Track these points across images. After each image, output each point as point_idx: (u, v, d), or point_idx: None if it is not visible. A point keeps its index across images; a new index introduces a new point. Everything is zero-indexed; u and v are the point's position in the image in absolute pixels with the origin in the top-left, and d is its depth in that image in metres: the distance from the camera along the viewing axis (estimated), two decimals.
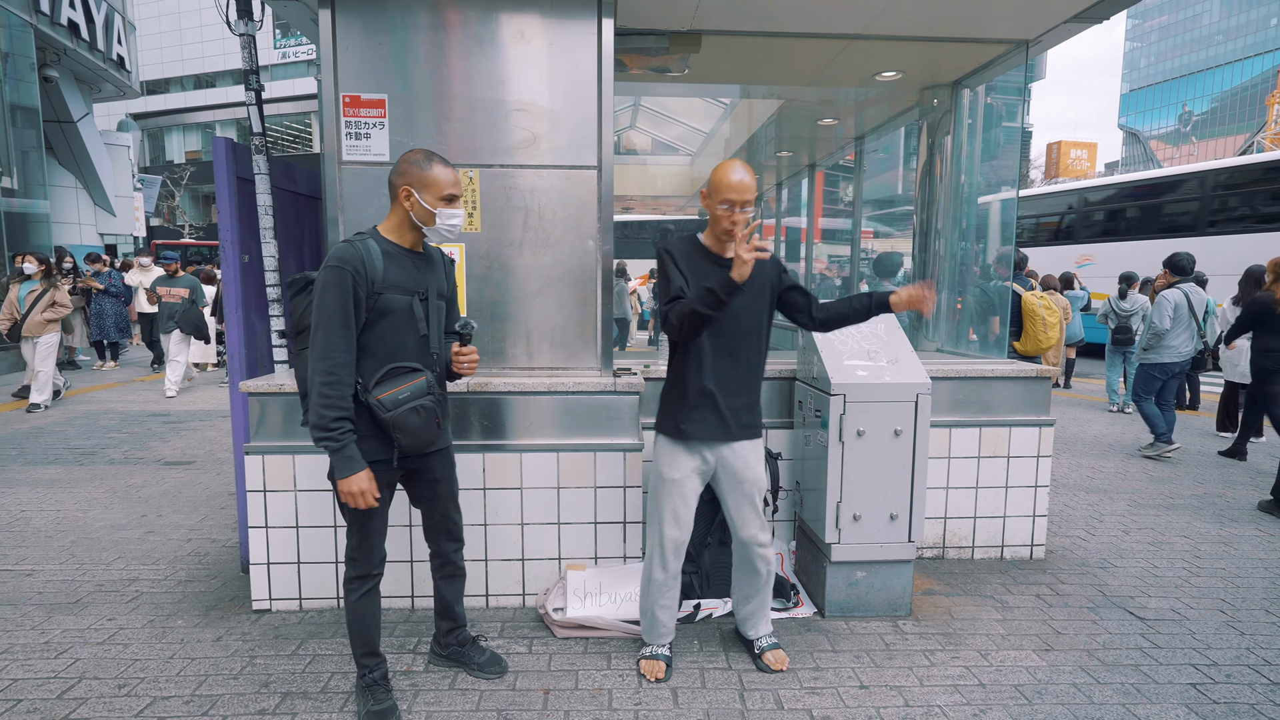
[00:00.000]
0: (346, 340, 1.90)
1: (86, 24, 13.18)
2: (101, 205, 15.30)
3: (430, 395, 2.01)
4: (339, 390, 1.88)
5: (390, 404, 1.93)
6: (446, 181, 2.03)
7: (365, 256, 1.93)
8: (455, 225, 2.08)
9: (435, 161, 2.04)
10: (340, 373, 1.89)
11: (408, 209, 2.03)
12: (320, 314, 1.89)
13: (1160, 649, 2.68)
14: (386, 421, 1.94)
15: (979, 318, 4.32)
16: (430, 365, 2.07)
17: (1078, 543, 3.79)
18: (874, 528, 2.83)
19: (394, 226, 2.06)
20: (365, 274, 1.91)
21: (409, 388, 1.97)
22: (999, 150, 4.27)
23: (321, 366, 1.88)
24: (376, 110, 2.92)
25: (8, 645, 2.63)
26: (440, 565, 2.38)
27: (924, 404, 2.78)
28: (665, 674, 2.43)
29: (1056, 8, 3.09)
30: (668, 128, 7.89)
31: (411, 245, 2.08)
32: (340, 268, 1.89)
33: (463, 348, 2.16)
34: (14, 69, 11.70)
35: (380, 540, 2.13)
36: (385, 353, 1.98)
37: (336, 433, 1.89)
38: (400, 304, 1.99)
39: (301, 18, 3.29)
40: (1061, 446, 6.05)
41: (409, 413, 1.96)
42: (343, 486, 1.93)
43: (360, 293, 1.91)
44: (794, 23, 3.33)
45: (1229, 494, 4.72)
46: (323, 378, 1.87)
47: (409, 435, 1.98)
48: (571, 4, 2.92)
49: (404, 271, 2.02)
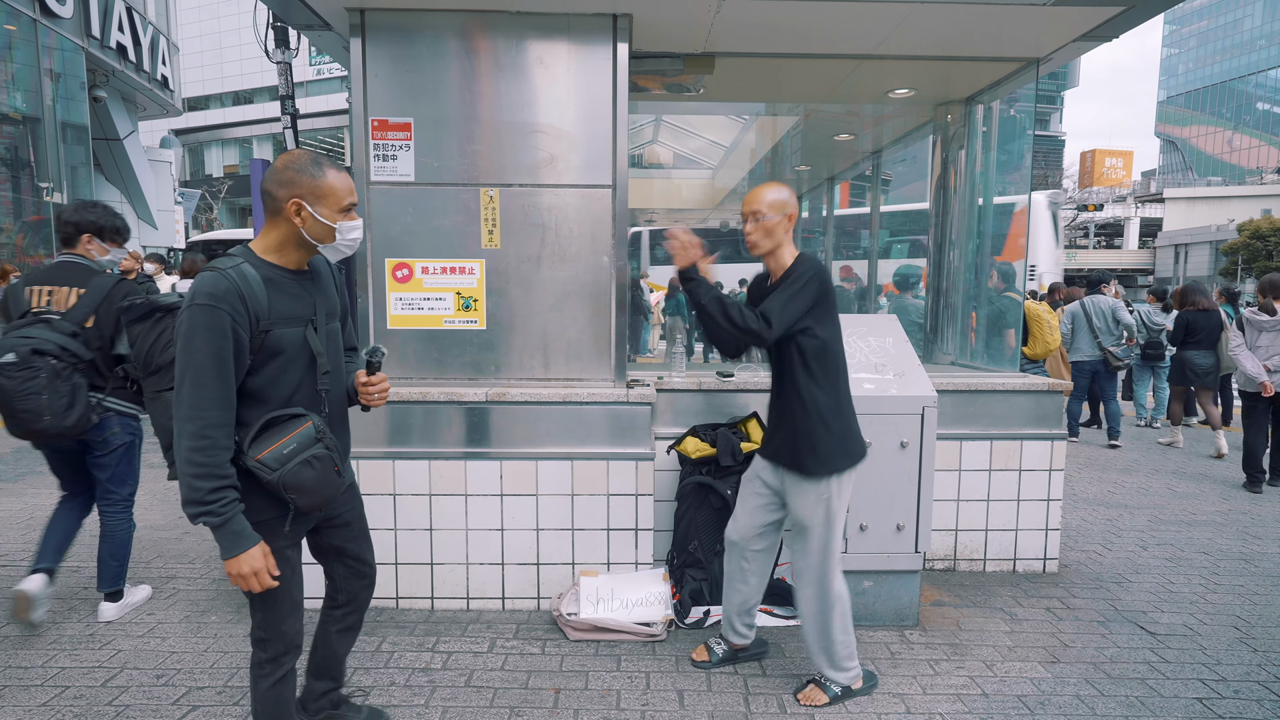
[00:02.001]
0: (222, 394, 1.56)
1: (134, 46, 13.80)
2: (144, 219, 15.91)
3: (321, 442, 1.68)
4: (213, 456, 1.55)
5: (274, 462, 1.60)
6: (344, 189, 1.71)
7: (243, 289, 1.58)
8: (356, 239, 1.77)
9: (327, 167, 1.70)
10: (215, 434, 1.55)
11: (298, 225, 1.67)
12: (187, 362, 1.54)
13: (1169, 663, 2.68)
14: (274, 483, 1.61)
15: (992, 331, 4.34)
16: (318, 405, 1.75)
17: (1093, 557, 3.78)
18: (881, 538, 2.88)
19: (274, 245, 1.70)
20: (247, 310, 1.58)
21: (294, 438, 1.64)
22: (1014, 164, 4.30)
23: (191, 429, 1.53)
24: (403, 133, 3.08)
25: (56, 636, 2.81)
26: (342, 615, 2.05)
27: (930, 416, 2.82)
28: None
29: (1064, 28, 3.14)
30: (689, 142, 8.03)
31: (296, 265, 1.74)
32: (213, 306, 1.54)
33: (370, 377, 1.84)
34: (65, 89, 12.29)
35: (294, 615, 1.78)
36: (279, 397, 1.68)
37: (216, 504, 1.55)
38: (292, 339, 1.68)
39: (334, 45, 3.48)
40: (1083, 461, 5.99)
41: (300, 467, 1.63)
42: (231, 568, 1.59)
43: (242, 333, 1.58)
44: (804, 44, 3.43)
45: (1255, 510, 4.65)
46: (193, 442, 1.53)
47: (306, 493, 1.66)
48: (589, 30, 3.06)
49: (291, 298, 1.70)
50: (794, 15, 3.05)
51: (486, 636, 2.83)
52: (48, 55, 11.75)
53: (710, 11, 3.01)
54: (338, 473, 1.74)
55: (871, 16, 3.06)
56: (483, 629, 2.89)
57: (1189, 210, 50.43)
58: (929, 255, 4.66)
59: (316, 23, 3.15)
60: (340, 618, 2.06)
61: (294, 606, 1.79)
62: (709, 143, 7.66)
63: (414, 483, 3.00)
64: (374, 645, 2.74)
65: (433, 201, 3.11)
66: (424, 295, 3.13)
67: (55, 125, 12.11)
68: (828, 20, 3.11)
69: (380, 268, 3.12)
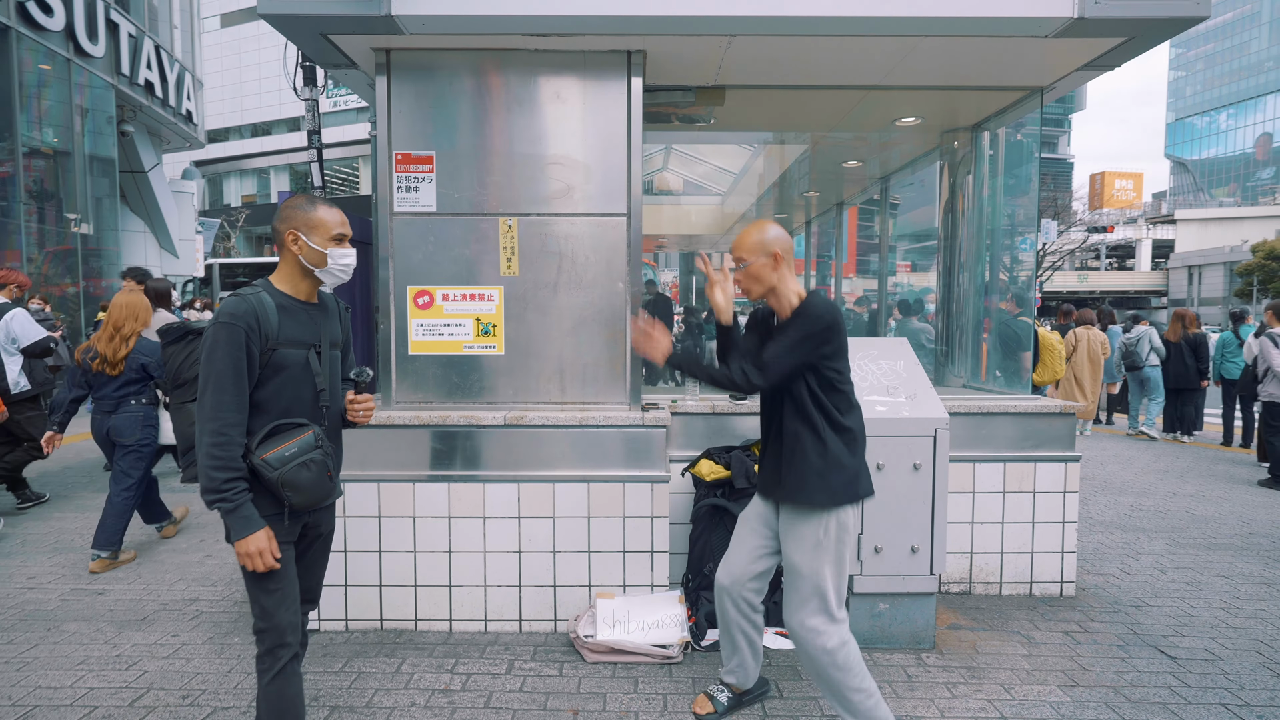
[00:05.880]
0: (238, 399, 1.83)
1: (160, 83, 14.28)
2: (166, 248, 16.30)
3: (319, 449, 1.92)
4: (229, 451, 1.81)
5: (277, 462, 1.84)
6: (334, 221, 1.97)
7: (259, 311, 1.87)
8: (348, 265, 2.01)
9: (319, 204, 1.98)
10: (231, 433, 1.81)
11: (296, 253, 1.95)
12: (209, 371, 1.81)
13: (1190, 688, 2.65)
14: (274, 480, 1.84)
15: (1006, 354, 4.36)
16: (319, 419, 1.99)
17: (1111, 581, 3.75)
18: (895, 560, 2.89)
19: (286, 276, 1.99)
20: (259, 329, 1.85)
21: (296, 443, 1.88)
22: (1022, 187, 4.36)
23: (211, 427, 1.80)
24: (425, 166, 3.19)
25: (84, 657, 2.86)
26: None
27: (942, 439, 2.85)
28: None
29: (1066, 58, 3.22)
30: (699, 169, 8.17)
31: (306, 296, 2.01)
32: (232, 324, 1.82)
33: (357, 395, 2.08)
34: (94, 124, 12.71)
35: (289, 607, 1.94)
36: (279, 409, 1.91)
37: (230, 493, 1.80)
38: (295, 359, 1.93)
39: (359, 83, 3.62)
40: (1099, 484, 5.94)
41: (298, 469, 1.87)
42: (240, 548, 1.82)
43: (254, 349, 1.85)
44: (812, 76, 3.53)
45: (1276, 534, 4.59)
46: (212, 438, 1.80)
47: (300, 492, 1.88)
48: (603, 66, 3.18)
49: (299, 324, 1.95)
50: (801, 50, 3.16)
51: (505, 658, 2.85)
52: (79, 92, 12.18)
53: (721, 48, 3.12)
54: (330, 478, 1.95)
55: (877, 50, 3.16)
56: (501, 651, 2.92)
57: (1201, 231, 50.22)
58: (939, 279, 4.71)
59: (344, 62, 3.29)
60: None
61: (288, 598, 1.95)
62: (718, 169, 7.79)
63: (433, 505, 3.06)
64: (394, 667, 2.77)
65: (453, 231, 3.21)
66: (444, 321, 3.22)
67: (84, 159, 12.50)
68: (834, 54, 3.21)
69: (402, 295, 3.21)
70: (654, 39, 3.04)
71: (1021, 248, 4.65)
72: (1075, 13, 2.78)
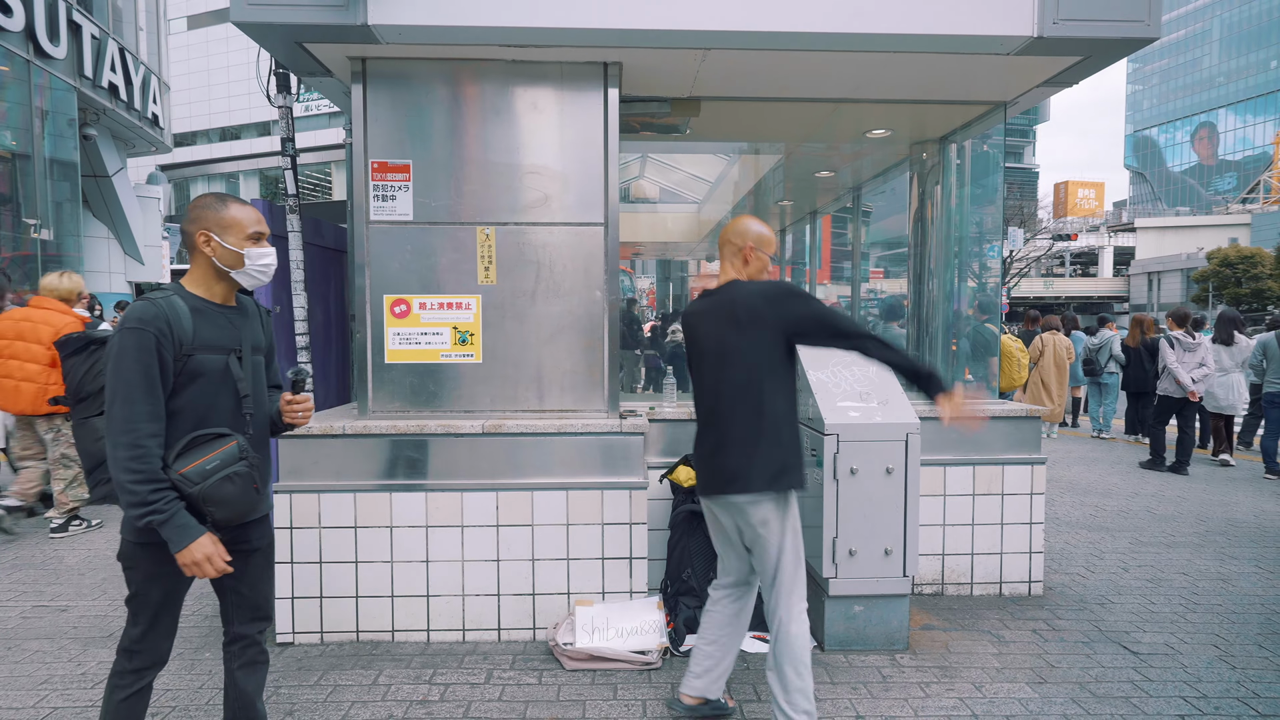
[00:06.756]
0: (152, 408, 1.72)
1: (125, 86, 13.95)
2: (131, 254, 15.90)
3: (244, 460, 1.81)
4: (148, 463, 1.70)
5: (197, 477, 1.73)
6: (249, 220, 1.87)
7: (170, 315, 1.75)
8: (268, 265, 1.91)
9: (231, 202, 1.89)
10: (148, 444, 1.70)
11: (209, 255, 1.85)
12: (118, 381, 1.69)
13: (1151, 682, 2.75)
14: (195, 496, 1.73)
15: (973, 359, 4.48)
16: (243, 428, 1.88)
17: (1077, 580, 3.86)
18: (869, 563, 2.95)
19: (200, 279, 1.88)
20: (171, 334, 1.74)
21: (218, 455, 1.77)
22: (989, 196, 4.49)
23: (125, 440, 1.68)
24: (402, 175, 3.19)
25: (47, 676, 2.79)
26: (241, 650, 2.02)
27: (914, 443, 2.92)
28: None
29: (1027, 75, 3.34)
30: (675, 177, 8.25)
31: (223, 299, 1.91)
32: (141, 329, 1.71)
33: (295, 395, 2.00)
34: (54, 127, 12.37)
35: (170, 633, 1.88)
36: (197, 417, 1.81)
37: (159, 503, 1.69)
38: (214, 364, 1.82)
39: (335, 91, 3.61)
40: (1065, 485, 6.11)
41: (221, 483, 1.75)
42: (184, 558, 1.72)
43: (166, 355, 1.74)
44: (784, 89, 3.61)
45: (1232, 531, 4.77)
46: (128, 451, 1.68)
47: (224, 507, 1.77)
48: (580, 77, 3.21)
49: (216, 328, 1.85)
50: (773, 63, 3.22)
51: (483, 668, 2.84)
52: (39, 94, 11.85)
53: (696, 61, 3.17)
54: (256, 490, 1.86)
55: (845, 65, 3.24)
56: (479, 660, 2.91)
57: (1160, 239, 51.90)
58: (909, 285, 4.82)
59: (320, 70, 3.28)
60: (238, 653, 2.02)
61: (173, 628, 1.89)
62: (694, 177, 7.87)
63: (411, 515, 3.04)
64: (371, 679, 2.75)
65: (431, 240, 3.21)
66: (421, 330, 3.21)
67: (44, 162, 12.16)
68: (805, 68, 3.28)
69: (379, 304, 3.20)
70: (630, 51, 3.08)
71: (989, 255, 4.79)
72: (1035, 32, 2.88)
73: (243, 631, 2.01)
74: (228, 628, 2.01)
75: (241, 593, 1.99)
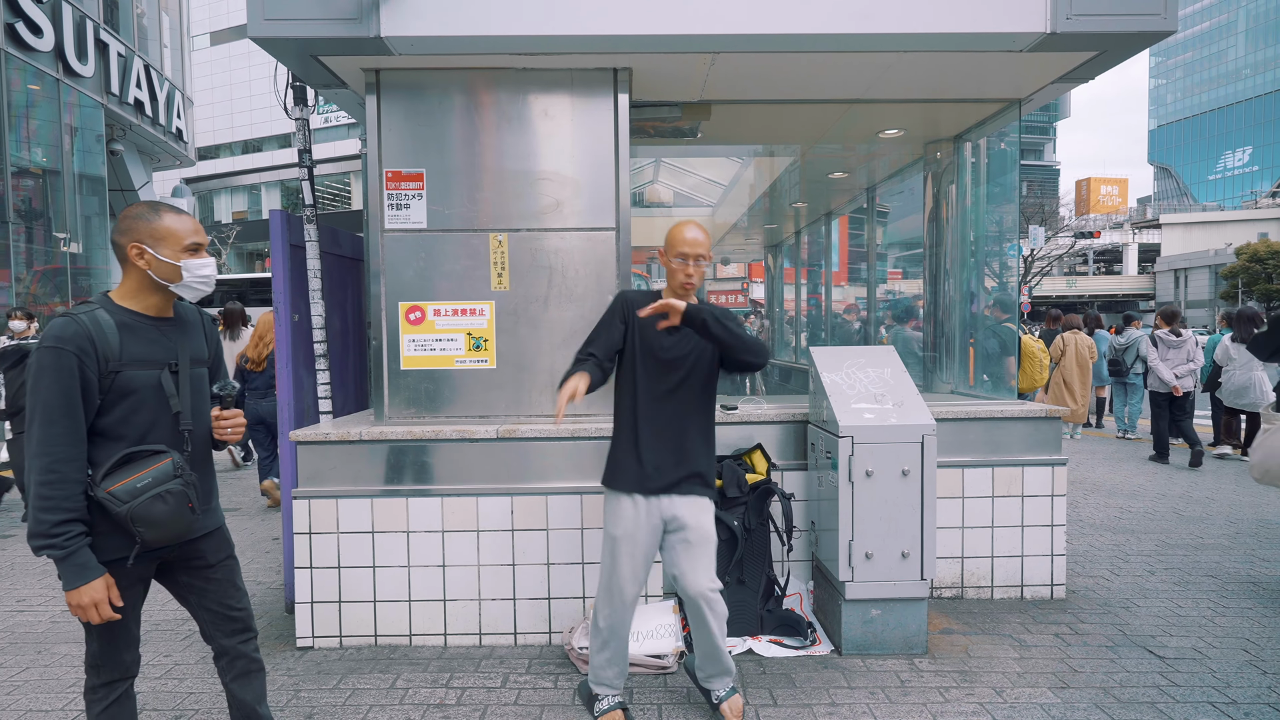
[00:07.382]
0: (71, 431, 1.64)
1: (150, 101, 14.32)
2: None
3: (178, 478, 1.73)
4: (62, 489, 1.63)
5: (125, 495, 1.66)
6: (185, 230, 1.79)
7: (93, 332, 1.67)
8: (208, 276, 1.82)
9: (164, 211, 1.79)
10: (64, 468, 1.63)
11: (143, 268, 1.76)
12: (35, 401, 1.63)
13: (1178, 687, 2.69)
14: (124, 516, 1.66)
15: (991, 359, 4.42)
16: (180, 445, 1.80)
17: (1100, 583, 3.79)
18: (886, 566, 2.92)
19: (131, 291, 1.79)
20: (95, 351, 1.66)
21: (150, 473, 1.70)
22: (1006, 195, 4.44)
23: (40, 464, 1.62)
24: (415, 183, 3.23)
25: (75, 680, 2.85)
26: (230, 664, 2.00)
27: (930, 444, 2.89)
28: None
29: (1041, 71, 3.30)
30: (689, 180, 8.25)
31: (158, 311, 1.82)
32: (59, 348, 1.63)
33: (223, 411, 1.89)
34: (83, 143, 12.73)
35: (130, 646, 1.84)
36: (131, 437, 1.74)
37: (61, 539, 1.62)
38: (145, 380, 1.74)
39: (350, 102, 3.67)
40: (1089, 487, 6.00)
41: (151, 501, 1.68)
42: (72, 599, 1.65)
43: (90, 374, 1.66)
44: (795, 91, 3.60)
45: (1263, 533, 4.65)
46: (41, 476, 1.62)
47: (155, 527, 1.70)
48: (591, 83, 3.23)
49: (147, 342, 1.76)
50: (783, 66, 3.22)
51: (499, 671, 2.86)
52: (68, 111, 12.20)
53: (705, 65, 3.18)
54: (192, 509, 1.77)
55: (856, 65, 3.23)
56: (495, 664, 2.92)
57: (1186, 235, 50.86)
58: (925, 286, 4.78)
59: (335, 82, 3.33)
60: (227, 665, 2.01)
61: (132, 641, 1.85)
62: (708, 181, 7.87)
63: (427, 520, 3.07)
64: (389, 682, 2.77)
65: (444, 247, 3.24)
66: (436, 337, 3.25)
67: (73, 177, 12.51)
68: (814, 70, 3.28)
69: (394, 311, 3.24)
70: (639, 57, 3.09)
71: (1007, 254, 4.73)
72: (1047, 28, 2.85)
73: (226, 645, 1.99)
74: (211, 644, 2.00)
75: (210, 609, 1.96)
